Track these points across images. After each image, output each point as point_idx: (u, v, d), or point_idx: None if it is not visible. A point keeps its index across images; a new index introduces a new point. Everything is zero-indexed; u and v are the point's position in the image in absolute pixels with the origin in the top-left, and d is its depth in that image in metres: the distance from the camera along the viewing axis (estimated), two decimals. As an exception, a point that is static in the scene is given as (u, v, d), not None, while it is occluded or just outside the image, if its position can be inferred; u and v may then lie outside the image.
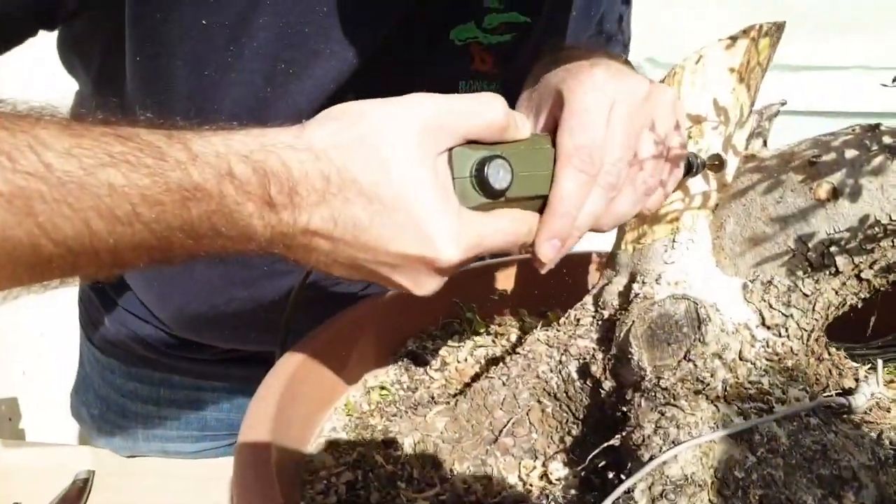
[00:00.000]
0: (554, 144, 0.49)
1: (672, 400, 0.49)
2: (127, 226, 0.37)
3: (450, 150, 0.45)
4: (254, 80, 0.64)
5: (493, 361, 0.74)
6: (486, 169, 0.45)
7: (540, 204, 0.49)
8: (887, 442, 0.54)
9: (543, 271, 0.51)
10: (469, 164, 0.45)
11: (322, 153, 0.42)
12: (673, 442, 0.47)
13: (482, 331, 0.79)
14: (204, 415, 0.96)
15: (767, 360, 0.51)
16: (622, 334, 0.54)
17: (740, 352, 0.51)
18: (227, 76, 0.63)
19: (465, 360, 0.75)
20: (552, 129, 0.51)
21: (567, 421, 0.58)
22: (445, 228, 0.43)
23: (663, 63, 1.43)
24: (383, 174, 0.42)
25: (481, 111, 0.45)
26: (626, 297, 0.58)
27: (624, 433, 0.51)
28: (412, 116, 0.43)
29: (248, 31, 0.61)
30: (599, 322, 0.59)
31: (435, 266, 0.44)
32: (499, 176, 0.45)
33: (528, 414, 0.59)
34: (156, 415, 0.94)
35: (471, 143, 0.46)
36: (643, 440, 0.48)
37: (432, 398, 0.69)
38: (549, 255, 0.49)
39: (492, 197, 0.46)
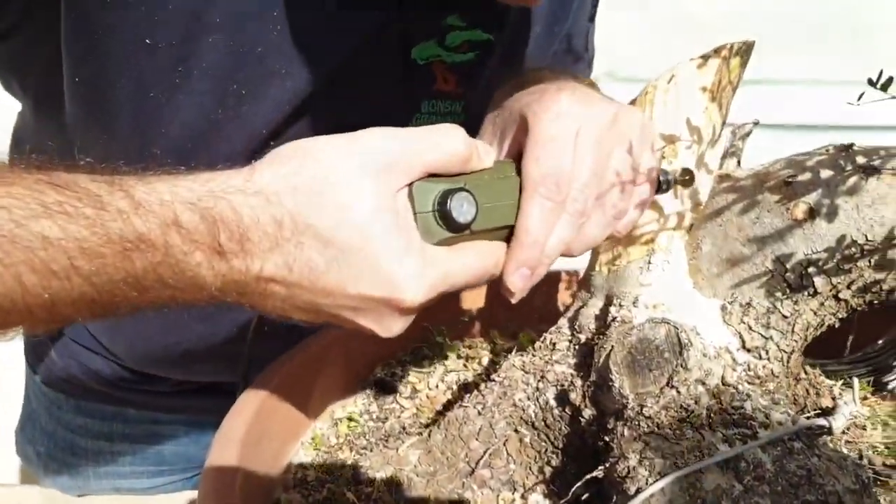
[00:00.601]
0: (519, 172, 0.48)
1: (656, 429, 0.48)
2: (64, 280, 0.35)
3: (410, 184, 0.43)
4: (204, 101, 0.60)
5: (465, 387, 0.72)
6: (448, 202, 0.43)
7: (507, 233, 0.48)
8: (867, 463, 0.54)
9: (514, 301, 0.49)
10: (430, 199, 0.43)
11: (274, 196, 0.39)
12: (659, 473, 0.45)
13: (453, 355, 0.77)
14: (160, 448, 0.91)
15: (749, 383, 0.51)
16: (601, 360, 0.53)
17: (723, 377, 0.50)
18: (175, 98, 0.60)
19: (437, 386, 0.73)
20: (517, 155, 0.50)
21: (546, 450, 0.56)
22: (408, 268, 0.41)
23: (622, 77, 1.43)
24: (339, 215, 0.40)
25: (440, 143, 0.43)
26: (603, 321, 0.57)
27: (607, 464, 0.49)
28: (368, 152, 0.41)
29: (196, 51, 0.58)
30: (576, 346, 0.58)
31: (399, 307, 0.42)
32: (462, 209, 0.43)
33: (505, 444, 0.57)
34: (108, 450, 0.89)
35: (432, 176, 0.44)
36: (628, 471, 0.47)
37: (403, 428, 0.67)
38: (518, 285, 0.48)
39: (456, 231, 0.44)
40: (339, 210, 0.40)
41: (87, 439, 0.89)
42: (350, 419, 0.68)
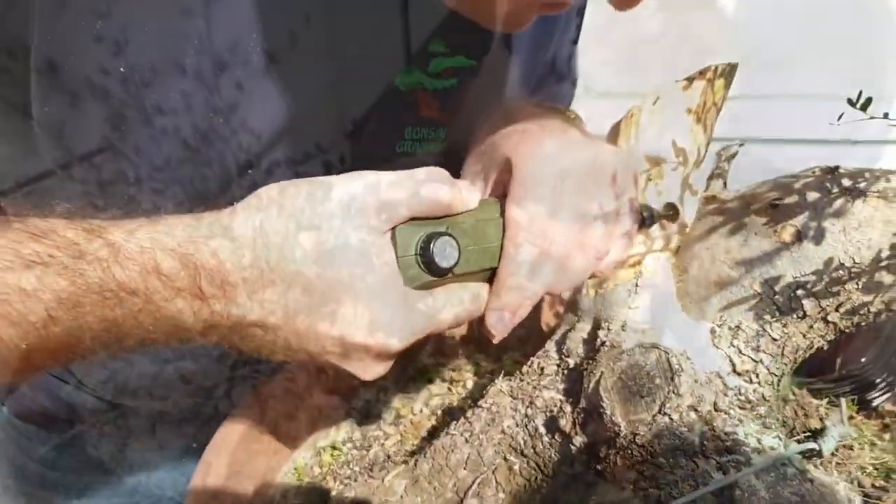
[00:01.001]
0: (503, 212, 0.48)
1: (649, 457, 0.47)
2: (41, 331, 0.34)
3: (393, 228, 0.43)
4: (181, 127, 0.59)
5: (450, 412, 0.71)
6: (431, 247, 0.43)
7: (489, 274, 0.48)
8: (857, 485, 0.54)
9: (495, 342, 0.49)
10: (413, 243, 0.43)
11: (257, 239, 0.39)
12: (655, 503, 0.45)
13: (437, 378, 0.76)
14: (135, 480, 0.88)
15: (741, 408, 0.50)
16: (591, 386, 0.52)
17: (715, 402, 0.49)
18: (151, 124, 0.58)
19: (421, 411, 0.71)
20: (501, 194, 0.50)
21: (536, 479, 0.55)
22: (390, 314, 0.41)
23: (602, 92, 1.44)
24: (322, 259, 0.39)
25: (425, 188, 0.43)
26: (591, 345, 0.56)
27: (600, 494, 0.48)
28: (352, 196, 0.41)
29: (172, 76, 0.56)
30: (565, 371, 0.57)
31: (380, 353, 0.42)
32: (445, 253, 0.43)
33: (494, 472, 0.56)
34: (79, 483, 0.86)
35: (415, 219, 0.43)
36: (622, 502, 0.46)
37: (388, 457, 0.65)
38: (499, 327, 0.48)
39: (438, 275, 0.44)
40: (322, 252, 0.39)
41: (57, 472, 0.85)
42: (333, 447, 0.66)
